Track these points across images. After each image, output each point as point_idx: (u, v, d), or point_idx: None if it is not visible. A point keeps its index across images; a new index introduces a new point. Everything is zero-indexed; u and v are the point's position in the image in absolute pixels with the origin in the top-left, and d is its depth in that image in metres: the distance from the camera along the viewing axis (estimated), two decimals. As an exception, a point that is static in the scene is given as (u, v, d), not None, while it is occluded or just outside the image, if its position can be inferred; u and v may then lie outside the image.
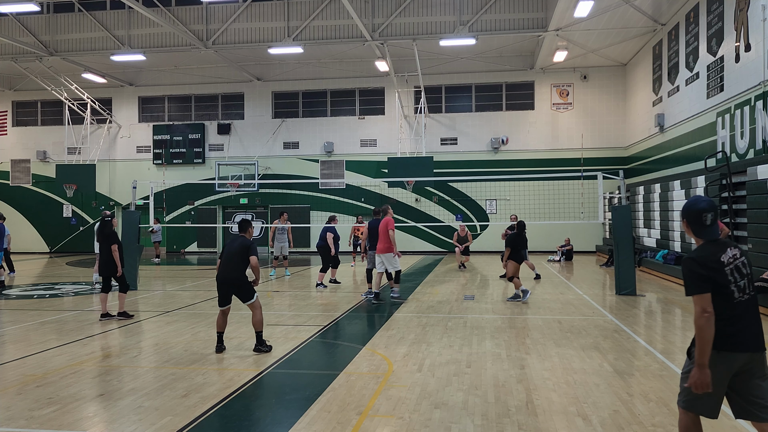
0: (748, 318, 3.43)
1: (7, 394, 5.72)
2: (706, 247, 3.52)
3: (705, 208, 3.55)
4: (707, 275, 3.38)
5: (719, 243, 3.54)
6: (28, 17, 23.36)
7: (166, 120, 27.70)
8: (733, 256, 3.48)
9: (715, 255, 3.46)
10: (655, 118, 19.21)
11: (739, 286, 3.43)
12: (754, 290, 3.50)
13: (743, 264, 3.48)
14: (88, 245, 26.63)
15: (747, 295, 3.45)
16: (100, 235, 10.07)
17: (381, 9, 21.13)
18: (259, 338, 7.43)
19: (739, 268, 3.46)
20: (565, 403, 5.33)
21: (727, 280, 3.41)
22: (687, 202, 3.69)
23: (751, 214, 11.06)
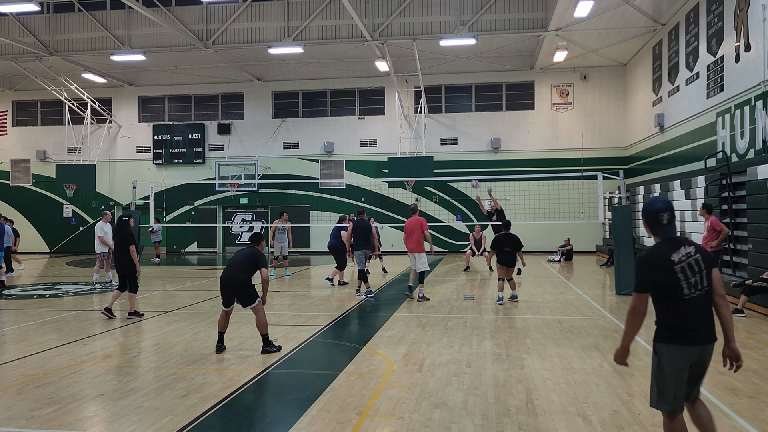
0: (700, 313, 3.58)
1: (7, 394, 5.72)
2: (659, 246, 3.69)
3: (661, 208, 3.70)
4: (653, 276, 3.60)
5: (674, 241, 3.67)
6: (28, 17, 23.36)
7: (166, 120, 27.70)
8: (687, 254, 3.61)
9: (666, 254, 3.61)
10: (655, 118, 19.21)
11: (690, 282, 3.57)
12: (708, 286, 3.61)
13: (696, 262, 3.60)
14: (88, 245, 26.64)
15: (699, 291, 3.58)
16: (117, 235, 10.14)
17: (381, 9, 21.13)
18: (266, 340, 7.40)
19: (692, 266, 3.59)
20: (565, 403, 5.33)
21: (677, 278, 3.56)
22: (646, 202, 3.84)
23: (751, 214, 11.06)
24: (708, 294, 3.63)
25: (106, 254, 14.24)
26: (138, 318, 9.87)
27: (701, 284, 3.60)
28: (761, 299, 9.88)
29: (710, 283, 3.64)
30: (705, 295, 3.61)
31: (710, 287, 3.64)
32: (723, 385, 5.85)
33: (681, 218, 15.34)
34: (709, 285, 3.63)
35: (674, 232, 3.73)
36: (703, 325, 3.60)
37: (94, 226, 14.61)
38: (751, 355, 7.07)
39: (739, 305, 9.75)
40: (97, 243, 14.17)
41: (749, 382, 5.95)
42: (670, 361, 3.60)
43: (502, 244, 11.26)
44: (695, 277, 3.59)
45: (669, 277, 3.58)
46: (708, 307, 3.64)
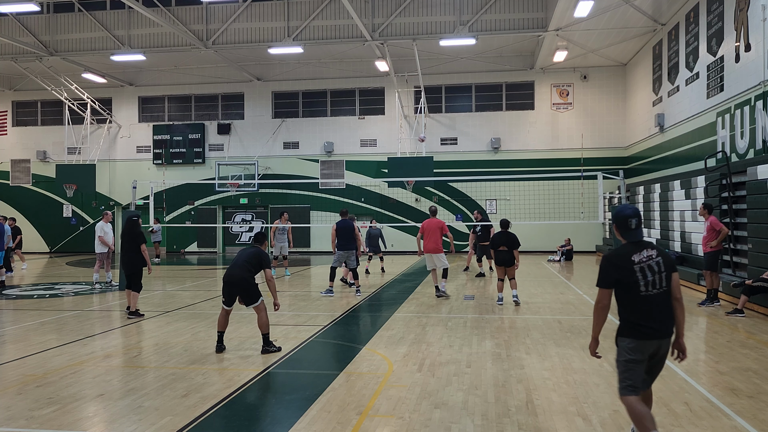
0: (656, 310, 3.93)
1: (7, 394, 5.72)
2: (623, 247, 4.07)
3: (630, 214, 4.13)
4: (613, 274, 3.98)
5: (638, 244, 4.05)
6: (28, 17, 23.36)
7: (166, 120, 27.70)
8: (648, 257, 3.98)
9: (628, 255, 3.99)
10: (655, 118, 19.21)
11: (647, 281, 3.93)
12: (666, 287, 3.96)
13: (657, 264, 3.96)
14: (88, 245, 26.65)
15: (656, 290, 3.93)
16: (128, 234, 10.22)
17: (381, 9, 21.13)
18: (266, 340, 7.40)
19: (651, 267, 3.95)
20: (565, 403, 5.34)
21: (636, 277, 3.92)
22: (616, 208, 4.27)
23: (751, 214, 11.06)
24: (666, 294, 3.97)
25: (106, 254, 14.26)
26: (138, 318, 9.88)
27: (659, 284, 3.94)
28: (761, 299, 9.88)
29: (669, 284, 3.98)
30: (663, 295, 3.95)
31: (669, 288, 3.98)
32: (723, 385, 5.85)
33: (681, 218, 15.34)
34: (667, 286, 3.97)
35: (640, 236, 4.11)
36: (658, 322, 3.94)
37: (95, 226, 14.61)
38: (751, 355, 7.07)
39: (739, 305, 9.75)
40: (97, 243, 14.18)
41: (749, 382, 5.95)
42: (629, 353, 3.95)
43: (498, 243, 11.06)
44: (653, 277, 3.93)
45: (628, 275, 3.94)
46: (665, 305, 3.97)
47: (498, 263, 11.05)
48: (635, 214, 4.13)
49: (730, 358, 6.97)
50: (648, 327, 3.92)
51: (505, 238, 10.99)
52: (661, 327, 3.95)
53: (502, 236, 11.05)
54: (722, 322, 9.24)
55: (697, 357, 7.09)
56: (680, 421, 4.88)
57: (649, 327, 3.92)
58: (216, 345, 7.51)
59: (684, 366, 6.58)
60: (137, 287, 10.12)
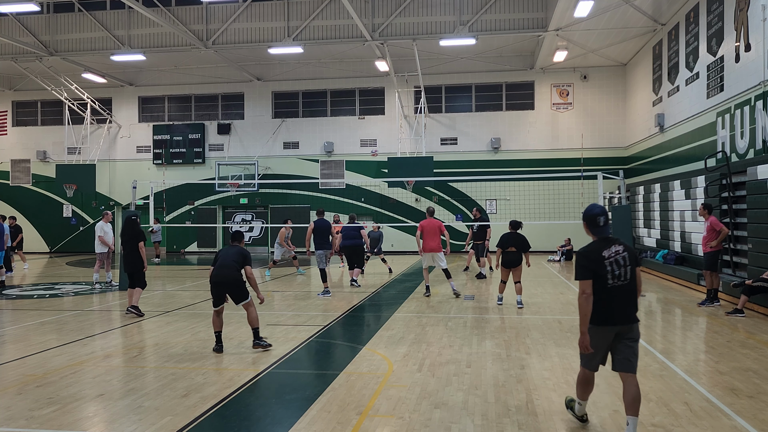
0: (620, 300, 4.39)
1: (7, 394, 5.72)
2: (594, 244, 4.51)
3: (599, 213, 4.56)
4: (588, 266, 4.39)
5: (607, 240, 4.49)
6: (28, 17, 23.36)
7: (166, 120, 27.70)
8: (616, 252, 4.42)
9: (598, 250, 4.43)
10: (655, 118, 19.21)
11: (615, 274, 4.37)
12: (630, 279, 4.41)
13: (623, 258, 4.41)
14: (88, 245, 26.64)
15: (621, 282, 4.38)
16: (129, 233, 10.30)
17: (381, 9, 21.13)
18: (257, 334, 7.60)
19: (618, 261, 4.39)
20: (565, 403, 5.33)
21: (605, 271, 4.36)
22: (586, 208, 4.66)
23: (751, 214, 11.06)
24: (629, 285, 4.43)
25: (106, 254, 14.26)
26: (137, 315, 9.90)
27: (624, 277, 4.40)
28: (761, 299, 9.88)
29: (633, 277, 4.44)
30: (626, 286, 4.41)
31: (632, 280, 4.44)
32: (723, 385, 5.85)
33: (681, 218, 15.34)
34: (632, 278, 4.43)
35: (608, 233, 4.55)
36: (620, 310, 4.41)
37: (95, 226, 14.62)
38: (751, 355, 7.07)
39: (739, 305, 9.75)
40: (97, 243, 14.18)
41: (749, 382, 5.95)
42: (597, 336, 4.46)
43: (507, 244, 10.66)
44: (620, 270, 4.39)
45: (599, 268, 4.37)
46: (628, 295, 4.43)
47: (504, 265, 10.68)
48: (603, 212, 4.55)
49: (730, 358, 6.96)
50: (610, 315, 4.39)
51: (514, 239, 10.68)
52: (622, 315, 4.42)
53: (512, 237, 10.70)
54: (722, 322, 9.24)
55: (697, 357, 7.09)
56: (680, 421, 4.88)
57: (612, 315, 4.40)
58: (214, 345, 7.52)
59: (684, 366, 6.58)
60: (141, 284, 10.21)
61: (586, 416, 4.84)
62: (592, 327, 4.45)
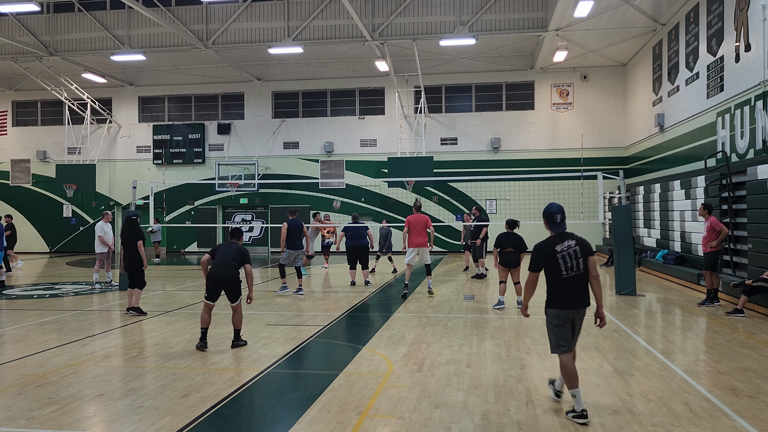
0: (574, 288, 5.02)
1: (7, 394, 5.72)
2: (550, 239, 5.11)
3: (556, 210, 5.15)
4: (541, 261, 5.05)
5: (562, 235, 5.08)
6: (28, 17, 23.35)
7: (166, 120, 27.70)
8: (568, 246, 5.03)
9: (552, 245, 5.03)
10: (655, 118, 19.21)
11: (568, 266, 4.99)
12: (583, 269, 5.01)
13: (575, 252, 5.01)
14: (88, 245, 26.63)
15: (573, 272, 5.00)
16: (129, 232, 10.31)
17: (381, 9, 21.13)
18: (237, 334, 7.76)
19: (570, 255, 5.01)
20: (565, 403, 5.33)
21: (558, 263, 4.99)
22: (545, 207, 5.23)
23: (751, 214, 11.06)
24: (583, 275, 5.03)
25: (106, 254, 14.26)
26: (139, 316, 9.91)
27: (577, 268, 5.00)
28: (761, 299, 9.88)
29: (586, 267, 5.04)
30: (580, 276, 5.02)
31: (586, 270, 5.04)
32: (723, 385, 5.85)
33: (681, 218, 15.34)
34: (585, 269, 5.03)
35: (563, 228, 5.12)
36: (575, 296, 5.02)
37: (95, 226, 14.62)
38: (751, 355, 7.07)
39: (739, 305, 9.74)
40: (97, 243, 14.18)
41: (749, 382, 5.95)
42: (558, 319, 5.04)
43: (505, 244, 10.46)
44: (572, 262, 4.99)
45: (552, 261, 4.99)
46: (581, 284, 5.04)
47: (503, 264, 10.51)
48: (560, 210, 5.15)
49: (730, 358, 6.97)
50: (566, 300, 5.02)
51: (512, 239, 10.54)
52: (576, 300, 5.04)
53: (509, 237, 10.54)
54: (722, 322, 9.24)
55: (697, 357, 7.09)
56: (680, 421, 4.88)
57: (567, 300, 5.02)
58: (199, 342, 7.59)
59: (684, 366, 6.59)
60: (141, 284, 10.21)
61: (586, 412, 4.88)
62: (553, 311, 5.07)
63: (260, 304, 11.46)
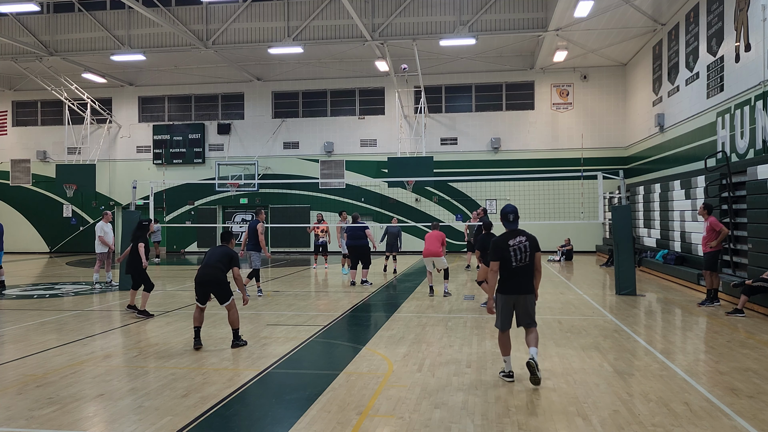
0: (520, 276, 5.94)
1: (7, 394, 5.72)
2: (504, 234, 6.03)
3: (510, 211, 6.10)
4: (498, 252, 5.94)
5: (514, 232, 6.00)
6: (28, 17, 23.36)
7: (166, 120, 27.70)
8: (519, 242, 5.94)
9: (506, 240, 5.95)
10: (655, 118, 19.21)
11: (517, 258, 5.91)
12: (530, 261, 5.93)
13: (524, 246, 5.92)
14: (88, 245, 26.63)
15: (521, 264, 5.91)
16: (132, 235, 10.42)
17: (381, 9, 21.13)
18: (236, 335, 7.71)
19: (520, 249, 5.91)
20: (565, 403, 5.33)
21: (509, 255, 5.91)
22: (502, 208, 6.19)
23: (751, 214, 11.05)
24: (529, 266, 5.95)
25: (105, 254, 14.26)
26: (145, 317, 9.90)
27: (524, 260, 5.92)
28: (761, 299, 9.88)
29: (532, 260, 5.95)
30: (526, 267, 5.93)
31: (531, 262, 5.95)
32: (723, 385, 5.85)
33: (681, 218, 15.34)
34: (531, 261, 5.94)
35: (515, 226, 6.06)
36: (521, 283, 5.95)
37: (95, 226, 14.62)
38: (751, 355, 7.07)
39: (739, 305, 9.74)
40: (97, 243, 14.19)
41: (749, 382, 5.95)
42: (502, 302, 6.04)
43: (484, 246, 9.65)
44: (521, 255, 5.91)
45: (505, 253, 5.91)
46: (527, 274, 5.95)
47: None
48: (513, 211, 6.08)
49: (730, 358, 6.97)
50: (513, 287, 5.95)
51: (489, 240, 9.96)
52: (521, 288, 5.95)
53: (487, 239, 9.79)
54: (722, 322, 9.24)
55: (697, 357, 7.09)
56: (680, 421, 4.88)
57: (514, 286, 5.94)
58: (193, 341, 7.63)
59: (684, 366, 6.58)
60: (148, 287, 10.20)
61: (512, 372, 6.06)
62: (500, 296, 6.02)
63: (260, 304, 11.46)
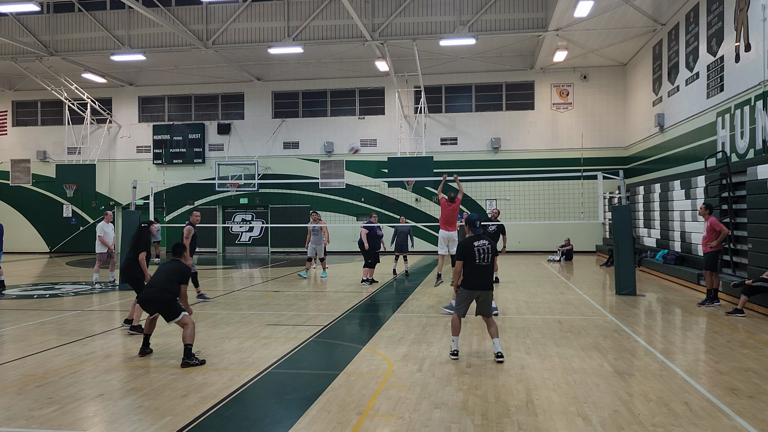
0: (483, 274, 6.91)
1: (7, 394, 5.72)
2: (470, 238, 7.03)
3: (476, 219, 7.28)
4: (464, 252, 6.90)
5: (478, 236, 7.03)
6: (28, 17, 23.36)
7: (166, 120, 27.70)
8: (482, 244, 6.92)
9: (472, 242, 6.93)
10: (655, 118, 19.21)
11: (481, 257, 6.86)
12: (491, 262, 6.93)
13: (486, 249, 6.90)
14: (88, 245, 26.63)
15: (485, 263, 6.88)
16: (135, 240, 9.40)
17: (381, 9, 21.13)
18: (187, 352, 6.76)
19: (483, 250, 6.88)
20: (565, 403, 5.33)
21: (474, 255, 6.86)
22: (468, 215, 7.38)
23: (751, 214, 11.06)
24: (490, 266, 6.94)
25: (105, 254, 14.25)
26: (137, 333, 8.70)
27: (487, 260, 6.89)
28: (761, 299, 9.88)
29: (492, 261, 6.95)
30: (488, 267, 6.93)
31: (492, 263, 6.96)
32: (723, 385, 5.85)
33: (681, 218, 15.34)
34: (491, 262, 6.95)
35: (480, 231, 7.16)
36: (483, 280, 6.91)
37: (96, 226, 14.58)
38: (751, 355, 7.07)
39: (739, 305, 9.74)
40: (98, 243, 14.18)
41: (749, 382, 5.95)
42: (464, 296, 6.98)
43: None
44: (484, 255, 6.87)
45: (470, 253, 6.87)
46: (488, 272, 6.95)
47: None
48: (479, 219, 7.32)
49: (730, 358, 6.97)
50: (477, 283, 6.90)
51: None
52: (484, 284, 6.92)
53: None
54: (722, 322, 9.24)
55: (697, 357, 7.09)
56: (680, 421, 4.88)
57: (477, 282, 6.90)
58: (140, 348, 7.24)
59: (684, 366, 6.59)
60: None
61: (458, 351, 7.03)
62: (464, 291, 6.95)
63: (260, 304, 11.46)
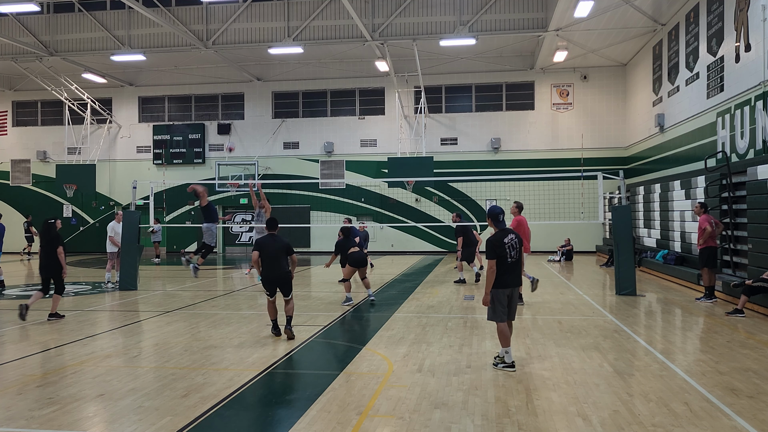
0: (514, 271, 6.46)
1: (7, 394, 5.72)
2: (498, 233, 6.51)
3: (500, 212, 6.61)
4: (496, 251, 6.37)
5: (505, 231, 6.53)
6: (28, 17, 23.36)
7: (166, 120, 27.70)
8: (510, 239, 6.45)
9: (501, 238, 6.44)
10: (655, 118, 19.21)
11: (511, 255, 6.41)
12: (519, 257, 6.48)
13: (514, 243, 6.44)
14: (88, 245, 26.67)
15: (513, 259, 6.43)
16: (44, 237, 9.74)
17: (381, 9, 21.13)
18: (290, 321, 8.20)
19: (513, 245, 6.44)
20: (565, 403, 5.33)
21: (506, 251, 6.39)
22: (490, 207, 6.70)
23: (751, 214, 11.06)
24: (518, 261, 6.50)
25: (116, 254, 14.20)
26: (57, 320, 9.60)
27: (516, 255, 6.46)
28: (761, 299, 9.87)
29: (520, 255, 6.51)
30: (517, 261, 6.48)
31: (520, 257, 6.54)
32: (723, 385, 5.85)
33: (681, 218, 15.34)
34: (519, 256, 6.51)
35: (505, 225, 6.62)
36: (514, 277, 6.48)
37: (107, 226, 14.51)
38: (751, 355, 7.07)
39: (739, 305, 9.74)
40: (108, 243, 14.16)
41: (749, 382, 5.95)
42: (499, 296, 6.41)
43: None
44: (514, 251, 6.44)
45: (502, 250, 6.39)
46: (517, 268, 6.51)
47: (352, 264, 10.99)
48: (502, 212, 6.64)
49: (730, 358, 6.96)
50: (509, 280, 6.44)
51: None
52: (515, 280, 6.51)
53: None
54: (722, 322, 9.24)
55: (697, 357, 7.09)
56: (680, 421, 4.88)
57: (509, 280, 6.44)
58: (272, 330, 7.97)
59: (684, 366, 6.59)
60: (60, 289, 9.75)
61: (514, 362, 6.47)
62: (496, 290, 6.40)
63: (260, 303, 11.46)
